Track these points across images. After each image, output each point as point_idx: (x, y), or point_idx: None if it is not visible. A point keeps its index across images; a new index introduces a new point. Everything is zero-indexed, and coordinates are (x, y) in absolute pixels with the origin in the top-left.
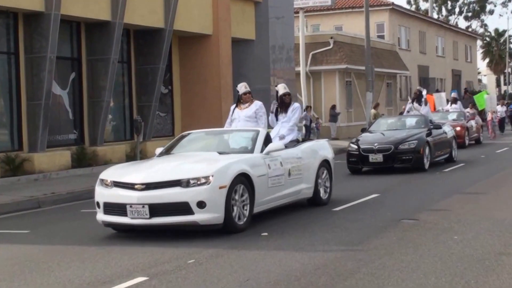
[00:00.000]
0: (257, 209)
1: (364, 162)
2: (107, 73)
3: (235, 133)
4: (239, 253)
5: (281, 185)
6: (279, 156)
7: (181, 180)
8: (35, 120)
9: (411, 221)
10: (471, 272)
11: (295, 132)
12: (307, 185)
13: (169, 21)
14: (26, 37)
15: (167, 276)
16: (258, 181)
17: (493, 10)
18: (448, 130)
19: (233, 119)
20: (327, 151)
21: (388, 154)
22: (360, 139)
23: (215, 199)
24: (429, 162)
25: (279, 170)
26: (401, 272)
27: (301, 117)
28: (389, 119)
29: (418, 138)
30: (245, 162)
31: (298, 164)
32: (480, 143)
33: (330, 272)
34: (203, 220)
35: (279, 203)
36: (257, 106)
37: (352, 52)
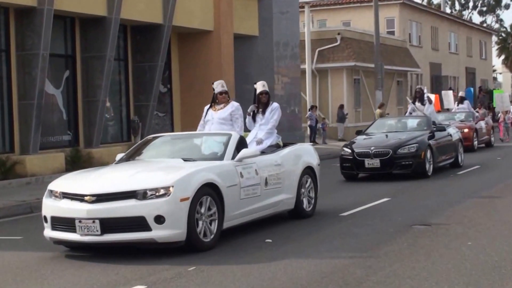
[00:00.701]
0: (228, 224)
1: (359, 168)
2: (103, 71)
3: (205, 138)
4: (242, 260)
5: (257, 196)
6: (254, 163)
7: (136, 191)
8: (27, 121)
9: (423, 226)
10: (486, 280)
11: (274, 136)
12: (288, 195)
13: (168, 17)
14: (17, 33)
15: (167, 284)
16: (228, 192)
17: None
18: (453, 132)
19: (206, 121)
20: (311, 156)
21: (385, 159)
22: (355, 142)
23: (175, 213)
24: (431, 168)
25: (253, 179)
26: (412, 280)
27: (306, 117)
28: (388, 120)
29: (419, 141)
30: (213, 170)
31: (277, 172)
32: (491, 146)
33: (337, 280)
34: (161, 237)
35: (254, 216)
36: (233, 107)
37: (361, 48)
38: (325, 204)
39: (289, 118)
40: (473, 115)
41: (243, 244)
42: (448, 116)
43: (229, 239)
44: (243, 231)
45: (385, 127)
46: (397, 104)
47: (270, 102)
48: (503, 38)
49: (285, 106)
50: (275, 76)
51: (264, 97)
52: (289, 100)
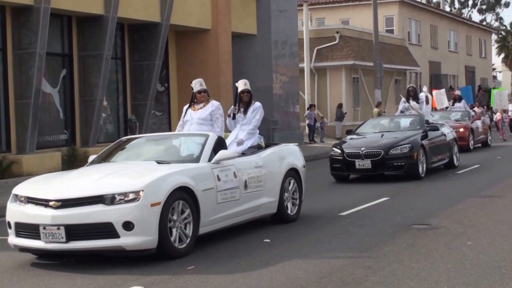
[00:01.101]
0: (204, 229)
1: (349, 169)
2: (100, 70)
3: (181, 139)
4: (240, 260)
5: (235, 200)
6: (233, 165)
7: (104, 196)
8: (24, 120)
9: (422, 226)
10: (486, 280)
11: (256, 137)
12: (270, 198)
13: (166, 15)
14: (14, 32)
15: (164, 285)
16: (203, 196)
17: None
18: (447, 132)
19: (185, 121)
20: (295, 157)
21: (377, 160)
22: (346, 142)
23: (145, 219)
24: (425, 169)
25: (232, 182)
26: (411, 280)
27: (304, 116)
28: (381, 120)
29: (411, 141)
30: (187, 173)
31: (257, 175)
32: (488, 146)
33: (336, 281)
34: (130, 245)
35: (233, 221)
36: (213, 106)
37: (360, 47)
38: (324, 204)
39: (287, 117)
40: (469, 114)
41: (241, 244)
42: (444, 115)
43: (227, 239)
44: (241, 231)
45: (377, 127)
46: (396, 103)
47: (252, 101)
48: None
49: (283, 105)
50: (274, 75)
51: (245, 96)
52: (287, 99)
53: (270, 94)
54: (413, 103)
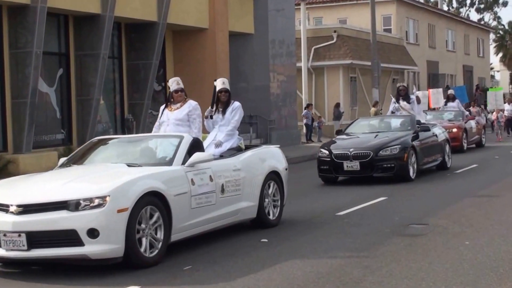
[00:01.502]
0: (177, 236)
1: (337, 171)
2: (97, 69)
3: (155, 140)
4: (237, 259)
5: (211, 204)
6: (209, 168)
7: (68, 201)
8: (20, 120)
9: (420, 226)
10: (484, 280)
11: (235, 138)
12: (249, 203)
13: (163, 14)
14: (10, 31)
15: (161, 284)
16: (175, 201)
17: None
18: (439, 133)
19: (161, 122)
20: (277, 160)
21: (366, 161)
22: (334, 143)
23: (111, 226)
24: (415, 170)
25: (207, 186)
26: (409, 280)
27: (302, 115)
28: (371, 120)
29: (401, 142)
30: (158, 177)
31: (235, 178)
32: (482, 147)
33: (334, 281)
34: (95, 253)
35: (209, 227)
36: (191, 107)
37: (357, 46)
38: (321, 204)
39: (285, 116)
40: (463, 114)
41: (238, 244)
42: (437, 115)
43: (224, 239)
44: (238, 231)
45: (366, 127)
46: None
47: (231, 101)
48: (501, 36)
49: (280, 104)
50: (271, 74)
51: (224, 96)
52: (284, 99)
53: (268, 93)
54: (404, 103)
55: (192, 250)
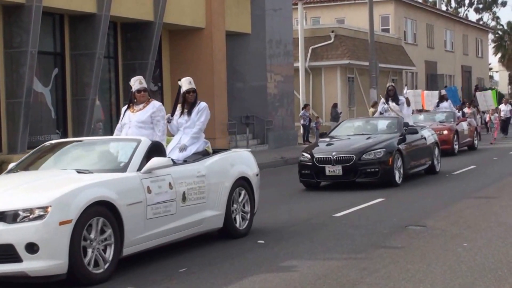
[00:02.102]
0: (131, 249)
1: (319, 176)
2: (92, 69)
3: (111, 144)
4: (233, 261)
5: (170, 214)
6: (169, 175)
7: (5, 212)
8: (15, 120)
9: (418, 227)
10: (482, 282)
11: (201, 141)
12: (214, 212)
13: (159, 14)
14: (5, 30)
15: (157, 286)
16: (128, 211)
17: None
18: (428, 135)
19: (123, 124)
20: (247, 165)
21: (348, 165)
22: (317, 147)
23: (53, 240)
24: (401, 175)
25: (166, 194)
26: (407, 282)
27: (299, 115)
28: (356, 122)
29: (386, 145)
30: (108, 185)
31: (199, 185)
32: (474, 149)
33: (331, 282)
34: (34, 270)
35: (168, 239)
36: (155, 108)
37: (355, 46)
38: (318, 205)
39: (282, 116)
40: (454, 115)
41: (235, 246)
42: (428, 117)
43: (220, 241)
44: None
45: (352, 129)
46: None
47: (197, 101)
48: (500, 36)
49: (278, 104)
50: (268, 74)
51: (191, 96)
52: (282, 99)
53: (265, 93)
54: (393, 104)
55: (188, 252)
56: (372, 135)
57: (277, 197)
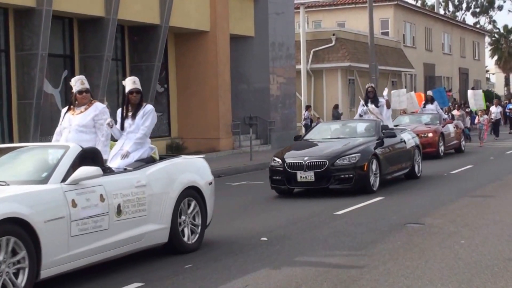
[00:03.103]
0: (50, 271)
1: (290, 182)
2: (101, 71)
3: (36, 152)
4: (237, 257)
5: (102, 230)
6: (100, 185)
7: None
8: (26, 120)
9: (416, 225)
10: (479, 278)
11: (146, 147)
12: (158, 225)
13: (165, 17)
14: (16, 33)
15: (164, 281)
16: (46, 228)
17: (502, 6)
18: (408, 138)
19: (63, 128)
20: (198, 173)
21: (321, 171)
22: (289, 151)
23: None
24: (378, 181)
25: (96, 207)
26: (406, 278)
27: (303, 117)
28: (333, 125)
29: (362, 150)
30: (22, 199)
31: (139, 196)
32: (461, 152)
33: (332, 279)
34: None
35: (98, 257)
36: (97, 110)
37: (355, 49)
38: (319, 203)
39: (284, 117)
40: (440, 117)
41: (239, 243)
42: (414, 119)
43: (225, 238)
44: (238, 230)
45: (328, 132)
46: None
47: (143, 103)
48: (496, 39)
49: (280, 106)
50: (271, 76)
51: (134, 97)
52: (284, 100)
53: (267, 95)
54: (372, 106)
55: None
56: (348, 138)
57: (278, 195)
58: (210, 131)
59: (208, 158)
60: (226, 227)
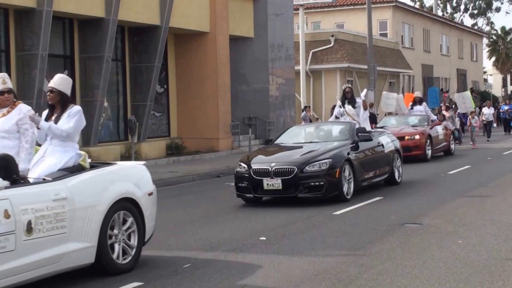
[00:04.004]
0: None
1: (256, 190)
2: (101, 72)
3: None
4: (236, 257)
5: (6, 251)
6: (6, 199)
7: None
8: None
9: (414, 225)
10: (476, 278)
11: (72, 154)
12: (81, 244)
13: (165, 18)
14: (17, 34)
15: (163, 281)
16: None
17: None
18: (387, 142)
19: None
20: (134, 182)
21: (289, 178)
22: (256, 156)
23: None
24: (352, 188)
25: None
26: (403, 278)
27: (301, 117)
28: (307, 128)
29: (334, 155)
30: None
31: (56, 211)
32: (451, 155)
33: (330, 278)
34: None
35: (4, 283)
36: (21, 113)
37: (354, 50)
38: (318, 203)
39: (283, 118)
40: (428, 119)
41: (238, 242)
42: (401, 120)
43: (223, 237)
44: (237, 230)
45: (300, 136)
46: None
47: (69, 105)
48: (494, 41)
49: (279, 106)
50: (270, 77)
51: (53, 96)
52: (283, 101)
53: (267, 95)
54: (349, 107)
55: (191, 247)
56: (321, 143)
57: None
58: (209, 131)
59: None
60: (224, 226)
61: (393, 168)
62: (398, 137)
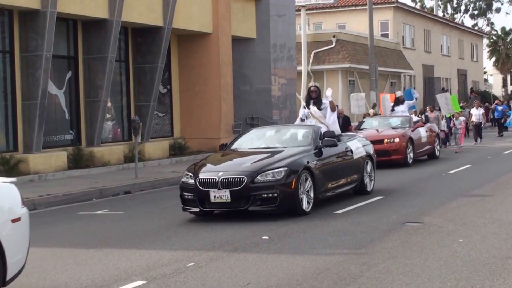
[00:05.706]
0: None
1: (203, 202)
2: (104, 72)
3: None
4: (239, 256)
5: None
6: None
7: None
8: (31, 120)
9: (415, 224)
10: (476, 276)
11: None
12: None
13: (168, 19)
14: (21, 35)
15: (166, 279)
16: None
17: (500, 8)
18: (356, 147)
19: None
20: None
21: (238, 189)
22: (204, 165)
23: None
24: (312, 200)
25: None
26: (405, 276)
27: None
28: (267, 131)
29: (290, 163)
30: None
31: None
32: (436, 158)
33: (332, 277)
34: None
35: None
36: None
37: (355, 51)
38: (320, 202)
39: (285, 118)
40: (410, 121)
41: (241, 241)
42: (382, 122)
43: (226, 237)
44: (240, 228)
45: (258, 141)
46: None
47: None
48: (494, 41)
49: (281, 106)
50: (272, 78)
51: None
52: (285, 101)
53: (269, 95)
54: (314, 108)
55: (195, 246)
56: (279, 148)
57: None
58: (212, 131)
59: None
60: (227, 225)
61: (363, 176)
62: (377, 140)
